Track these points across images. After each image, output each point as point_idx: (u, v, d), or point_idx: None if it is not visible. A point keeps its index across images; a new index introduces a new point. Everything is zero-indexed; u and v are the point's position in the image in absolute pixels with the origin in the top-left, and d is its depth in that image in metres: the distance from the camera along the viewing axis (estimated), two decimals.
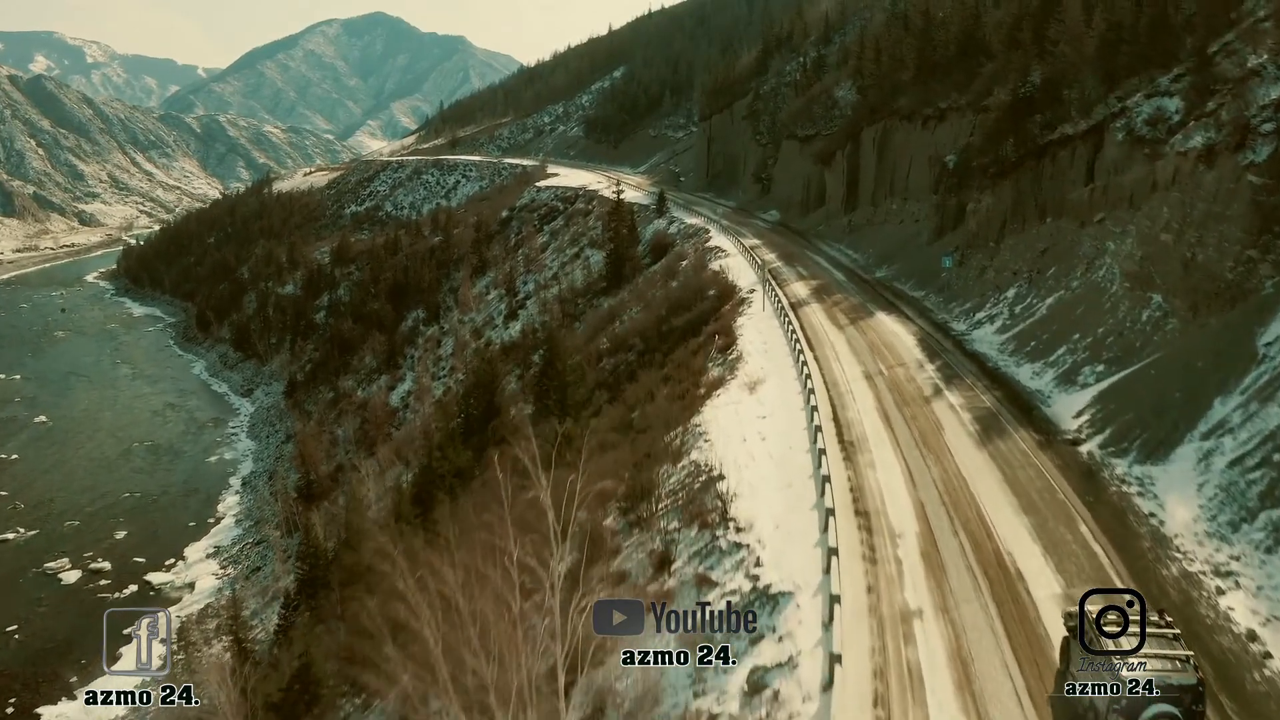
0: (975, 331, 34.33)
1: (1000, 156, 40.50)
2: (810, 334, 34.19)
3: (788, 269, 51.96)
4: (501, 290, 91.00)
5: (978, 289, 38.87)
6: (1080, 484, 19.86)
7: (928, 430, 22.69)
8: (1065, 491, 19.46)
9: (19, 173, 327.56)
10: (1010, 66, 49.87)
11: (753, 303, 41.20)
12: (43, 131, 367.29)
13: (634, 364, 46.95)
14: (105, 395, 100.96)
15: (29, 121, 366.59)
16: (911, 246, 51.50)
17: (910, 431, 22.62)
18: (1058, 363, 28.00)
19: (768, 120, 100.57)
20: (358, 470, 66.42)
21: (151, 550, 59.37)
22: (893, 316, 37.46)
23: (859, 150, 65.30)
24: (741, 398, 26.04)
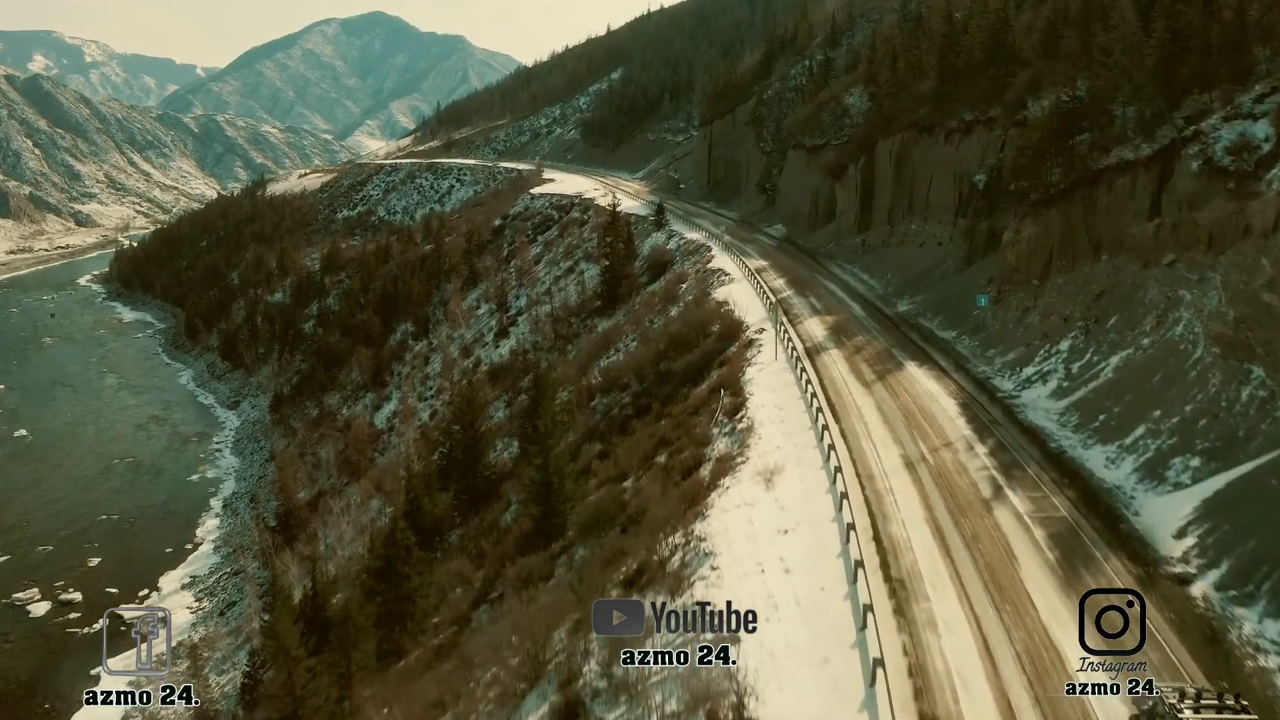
0: (1025, 393, 29.34)
1: (1044, 180, 35.47)
2: (832, 394, 29.26)
3: (799, 299, 46.99)
4: (492, 305, 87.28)
5: (1021, 334, 33.93)
6: (1205, 654, 14.97)
7: (996, 561, 17.72)
8: (1189, 667, 14.60)
9: (15, 173, 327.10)
10: (1047, 76, 44.93)
11: (762, 345, 36.28)
12: (39, 131, 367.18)
13: (629, 408, 42.38)
14: (89, 407, 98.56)
15: (25, 121, 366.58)
16: (936, 275, 46.52)
17: (974, 561, 17.67)
18: (1138, 448, 23.03)
19: (772, 127, 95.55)
20: (331, 509, 62.58)
21: (125, 580, 56.99)
22: (926, 369, 32.46)
23: (873, 164, 60.28)
24: (756, 496, 21.14)
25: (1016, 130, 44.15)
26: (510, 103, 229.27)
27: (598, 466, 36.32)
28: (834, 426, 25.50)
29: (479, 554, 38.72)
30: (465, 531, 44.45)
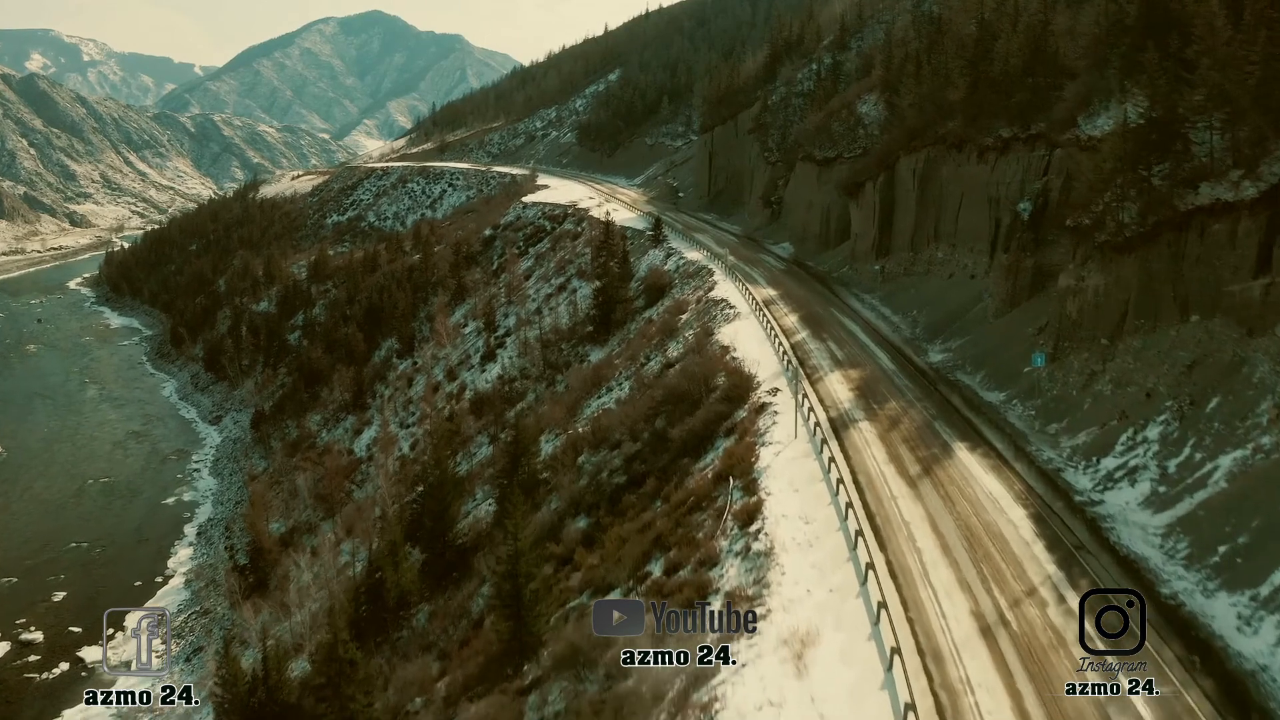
0: (1110, 495, 23.48)
1: (1114, 218, 29.58)
2: (871, 499, 23.40)
3: (815, 343, 41.10)
4: (480, 323, 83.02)
5: (1090, 406, 28.12)
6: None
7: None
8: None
9: (9, 173, 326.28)
10: (1100, 89, 39.10)
11: (778, 413, 30.47)
12: (34, 131, 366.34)
13: (620, 473, 36.99)
14: (67, 422, 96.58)
15: (20, 121, 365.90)
16: (972, 317, 40.72)
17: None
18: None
19: (777, 135, 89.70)
20: (305, 547, 58.94)
21: (90, 617, 54.33)
22: (979, 454, 26.53)
23: (894, 182, 54.42)
24: (783, 689, 15.37)
25: (1067, 152, 38.33)
26: (505, 104, 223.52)
27: (581, 557, 30.71)
28: (879, 559, 19.67)
29: (442, 654, 33.55)
30: (434, 608, 39.44)
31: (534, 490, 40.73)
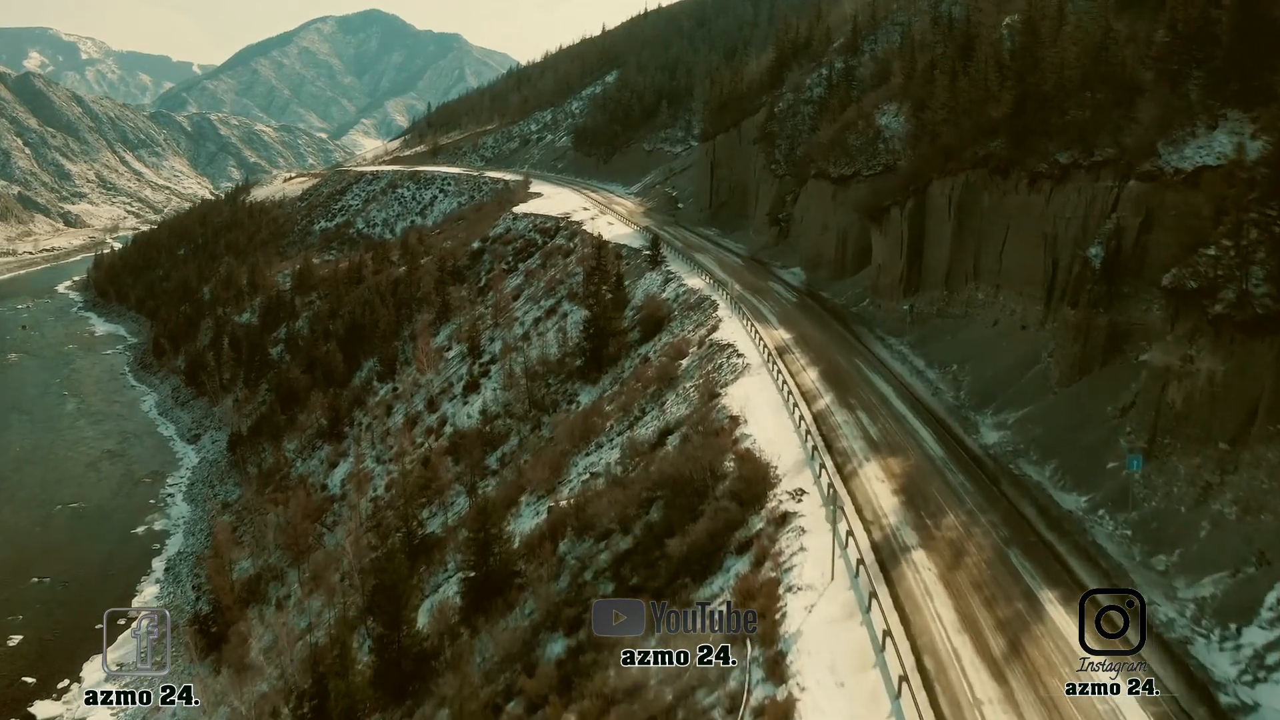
0: (1263, 692, 16.80)
1: (1239, 286, 22.93)
2: (946, 706, 16.64)
3: (843, 413, 34.26)
4: (464, 346, 78.14)
5: (1207, 535, 21.44)
6: None
7: None
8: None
9: (3, 173, 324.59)
10: (1181, 112, 32.43)
11: (804, 528, 23.82)
12: (30, 130, 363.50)
13: (608, 577, 30.87)
14: (42, 441, 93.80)
15: (15, 120, 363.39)
16: (1029, 381, 33.96)
17: None
18: None
19: (785, 146, 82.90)
20: (269, 598, 56.73)
21: (45, 666, 51.83)
22: (1073, 610, 19.77)
23: (925, 209, 47.65)
24: None
25: (1147, 187, 31.64)
26: (500, 106, 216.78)
27: (555, 713, 24.13)
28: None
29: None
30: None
31: (506, 587, 34.42)
